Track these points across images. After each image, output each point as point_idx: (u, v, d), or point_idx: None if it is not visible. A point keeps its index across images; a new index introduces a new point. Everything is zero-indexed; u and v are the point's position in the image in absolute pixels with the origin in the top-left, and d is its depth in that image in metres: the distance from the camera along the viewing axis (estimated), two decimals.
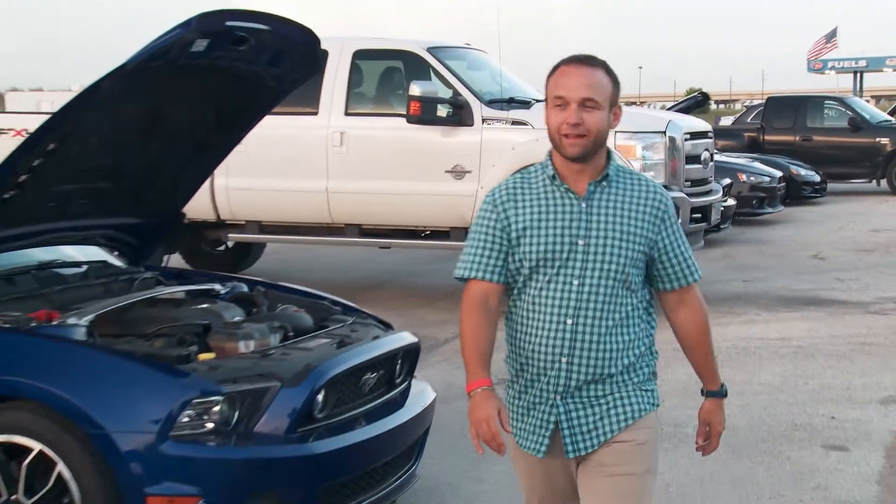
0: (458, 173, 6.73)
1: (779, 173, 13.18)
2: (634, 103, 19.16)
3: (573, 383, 1.92)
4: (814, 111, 16.61)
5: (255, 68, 3.39)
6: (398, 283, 8.64)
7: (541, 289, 1.92)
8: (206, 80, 3.34)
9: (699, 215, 7.24)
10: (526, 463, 2.04)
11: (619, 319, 1.92)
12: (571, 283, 1.89)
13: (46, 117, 3.11)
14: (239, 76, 3.41)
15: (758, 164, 13.21)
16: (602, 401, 1.93)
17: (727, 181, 9.90)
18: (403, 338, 3.48)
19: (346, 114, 7.13)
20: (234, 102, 3.61)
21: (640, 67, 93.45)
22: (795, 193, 13.96)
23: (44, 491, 2.83)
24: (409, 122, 6.65)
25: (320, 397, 2.98)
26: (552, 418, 1.94)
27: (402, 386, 3.48)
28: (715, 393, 2.08)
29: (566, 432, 1.93)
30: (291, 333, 3.35)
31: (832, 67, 26.88)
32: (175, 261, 7.03)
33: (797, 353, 5.92)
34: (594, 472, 1.93)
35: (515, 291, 1.98)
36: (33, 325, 3.08)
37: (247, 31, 3.12)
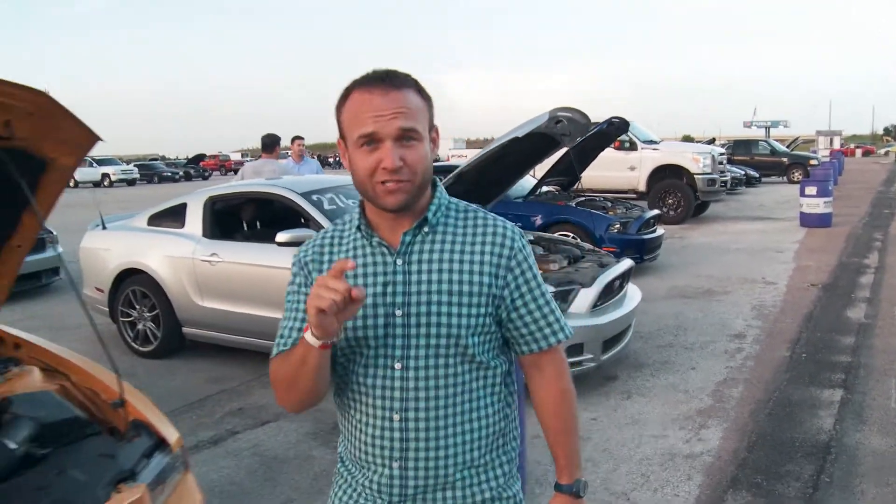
0: (632, 168, 14.21)
1: (742, 172, 22.51)
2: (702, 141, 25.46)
3: (409, 491, 1.32)
4: (754, 145, 27.70)
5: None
6: None
7: (359, 375, 1.32)
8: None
9: (724, 185, 14.66)
10: None
11: (463, 406, 1.31)
12: (393, 368, 1.28)
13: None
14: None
15: (734, 168, 21.30)
16: None
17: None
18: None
19: None
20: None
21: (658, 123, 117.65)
22: (748, 182, 23.17)
23: None
24: (615, 150, 13.56)
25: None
26: None
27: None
28: (564, 487, 1.39)
29: None
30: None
31: (755, 125, 49.21)
32: None
33: (760, 233, 11.97)
34: None
35: (337, 374, 1.36)
36: None
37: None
